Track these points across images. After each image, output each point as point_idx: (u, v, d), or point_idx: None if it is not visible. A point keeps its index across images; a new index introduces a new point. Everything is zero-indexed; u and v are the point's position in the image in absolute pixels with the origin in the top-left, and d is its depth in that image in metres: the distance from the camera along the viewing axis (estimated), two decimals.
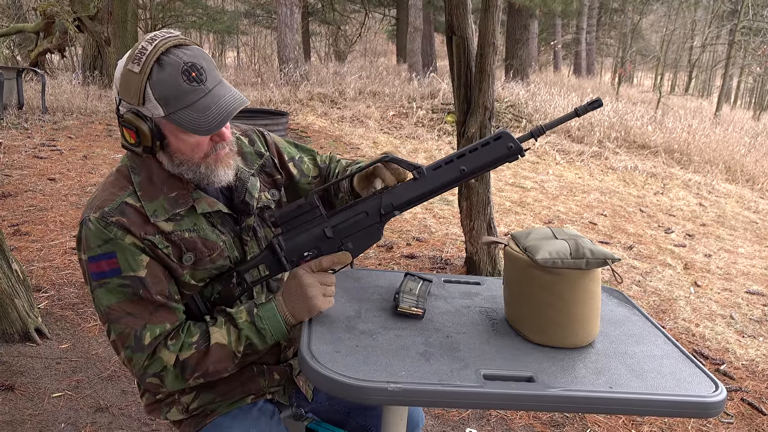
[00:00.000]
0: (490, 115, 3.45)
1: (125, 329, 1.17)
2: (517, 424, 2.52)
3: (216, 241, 1.27)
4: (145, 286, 1.17)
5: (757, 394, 2.91)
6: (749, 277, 4.54)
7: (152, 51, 1.11)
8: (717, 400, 1.04)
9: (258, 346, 1.22)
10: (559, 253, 1.14)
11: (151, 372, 1.18)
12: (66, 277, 3.47)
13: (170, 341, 1.18)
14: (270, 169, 1.43)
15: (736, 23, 14.41)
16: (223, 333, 1.20)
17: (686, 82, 24.28)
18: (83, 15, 10.48)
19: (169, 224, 1.21)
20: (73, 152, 6.27)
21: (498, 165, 1.19)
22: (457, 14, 3.35)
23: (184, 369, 1.18)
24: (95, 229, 1.15)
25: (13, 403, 2.39)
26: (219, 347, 1.19)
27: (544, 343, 1.18)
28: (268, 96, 10.10)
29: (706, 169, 8.22)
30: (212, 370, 1.21)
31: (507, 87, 10.88)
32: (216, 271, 1.28)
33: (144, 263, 1.18)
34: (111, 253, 1.15)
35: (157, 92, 1.12)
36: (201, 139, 1.19)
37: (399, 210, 1.22)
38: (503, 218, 5.24)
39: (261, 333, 1.21)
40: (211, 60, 1.18)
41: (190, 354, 1.18)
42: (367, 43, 22.87)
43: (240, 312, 1.22)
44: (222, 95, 1.16)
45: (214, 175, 1.23)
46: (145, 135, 1.15)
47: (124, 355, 1.18)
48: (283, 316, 1.21)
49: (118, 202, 1.18)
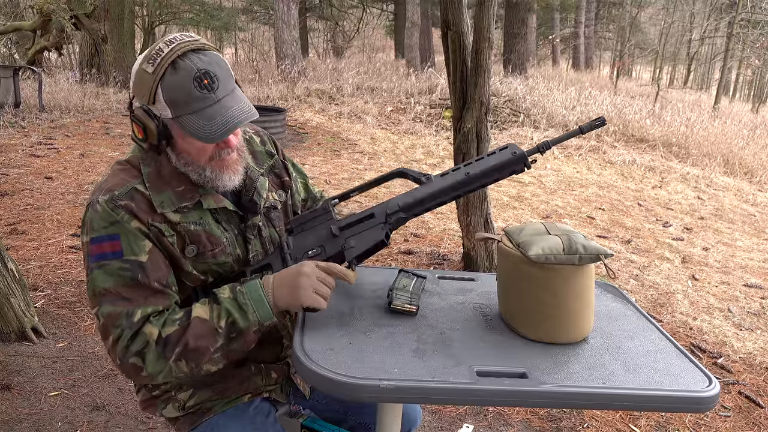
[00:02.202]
0: (487, 110, 3.44)
1: (116, 309, 1.15)
2: (514, 419, 2.52)
3: (220, 236, 1.27)
4: (144, 270, 1.17)
5: (755, 387, 2.91)
6: (747, 270, 4.54)
7: (168, 53, 1.13)
8: (710, 394, 1.04)
9: (240, 323, 1.17)
10: (552, 249, 1.14)
11: (134, 349, 1.14)
12: (63, 276, 3.46)
13: (154, 318, 1.17)
14: (279, 170, 1.46)
15: (734, 15, 14.36)
16: (205, 309, 1.18)
17: (685, 75, 24.27)
18: (80, 13, 10.44)
19: (176, 215, 1.22)
20: (70, 150, 6.26)
21: (503, 171, 1.21)
22: (452, 9, 3.34)
23: (165, 346, 1.15)
24: (102, 210, 1.17)
25: (9, 402, 2.39)
26: (200, 321, 1.16)
27: (538, 338, 1.18)
28: (266, 92, 10.08)
29: (705, 162, 8.22)
30: (192, 346, 1.15)
31: (505, 81, 10.85)
32: (216, 267, 1.28)
33: (146, 249, 1.18)
34: (115, 234, 1.16)
35: (167, 95, 1.14)
36: (206, 145, 1.20)
37: (405, 212, 1.22)
38: (501, 213, 5.23)
39: (242, 309, 1.18)
40: (227, 68, 1.19)
41: (173, 330, 1.15)
42: (364, 38, 22.81)
43: (223, 289, 1.21)
44: (230, 106, 1.17)
45: (220, 180, 1.24)
46: (151, 133, 1.17)
47: (113, 334, 1.15)
48: (267, 294, 1.19)
49: (128, 188, 1.20)
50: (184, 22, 15.01)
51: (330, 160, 6.82)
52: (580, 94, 10.78)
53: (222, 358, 1.19)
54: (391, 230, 1.23)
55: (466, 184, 1.21)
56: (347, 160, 6.89)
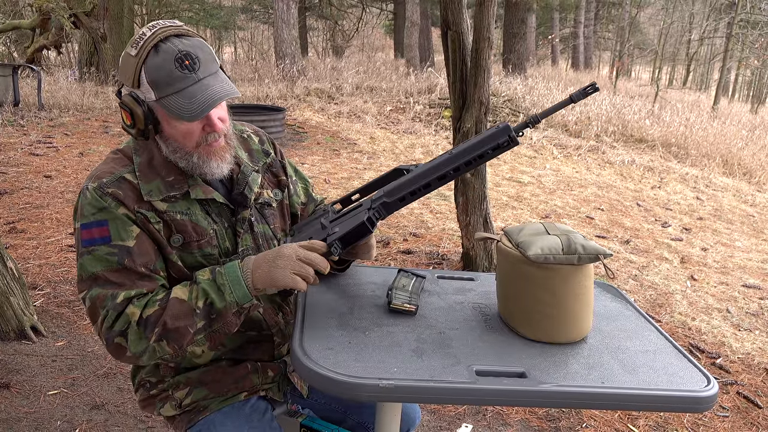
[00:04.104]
0: (486, 110, 3.44)
1: (103, 292, 1.16)
2: (513, 419, 2.53)
3: (206, 228, 1.28)
4: (131, 255, 1.18)
5: (753, 387, 2.91)
6: (746, 270, 4.55)
7: (150, 36, 1.16)
8: (709, 394, 1.04)
9: (217, 304, 1.16)
10: (551, 249, 1.14)
11: (117, 329, 1.15)
12: (62, 275, 3.46)
13: (137, 300, 1.17)
14: (277, 169, 1.47)
15: (733, 16, 14.38)
16: (184, 290, 1.18)
17: (684, 75, 24.29)
18: (79, 11, 10.42)
19: (163, 204, 1.23)
20: (69, 149, 6.26)
21: (487, 144, 1.13)
22: (452, 9, 3.34)
23: (146, 327, 1.15)
24: (91, 197, 1.19)
25: (8, 401, 2.39)
26: (177, 301, 1.17)
27: (537, 338, 1.18)
28: (265, 92, 10.07)
29: (704, 162, 8.22)
30: (171, 326, 1.14)
31: (504, 81, 10.85)
32: (203, 259, 1.28)
33: (134, 234, 1.20)
34: (103, 221, 1.18)
35: (149, 76, 1.16)
36: (191, 127, 1.21)
37: (388, 197, 1.18)
38: (500, 213, 5.24)
39: (220, 289, 1.17)
40: (210, 52, 1.20)
41: (153, 311, 1.16)
42: (364, 38, 22.79)
43: (204, 271, 1.22)
44: (211, 85, 1.18)
45: (207, 166, 1.24)
46: (138, 117, 1.19)
47: (100, 315, 1.16)
48: (245, 274, 1.18)
49: (116, 176, 1.22)
50: (184, 20, 15.00)
51: (329, 160, 6.82)
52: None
53: (205, 339, 1.19)
54: (377, 217, 1.18)
55: (451, 161, 1.15)
56: (346, 160, 6.89)
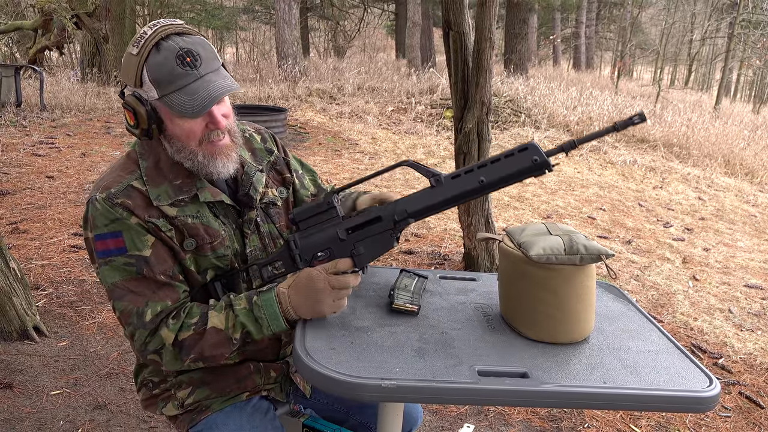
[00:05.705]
0: (488, 110, 3.44)
1: (128, 306, 1.19)
2: (515, 419, 2.53)
3: (218, 229, 1.28)
4: (149, 265, 1.20)
5: (755, 387, 2.91)
6: (748, 270, 4.54)
7: (151, 35, 1.16)
8: (711, 394, 1.03)
9: (255, 335, 1.20)
10: (553, 249, 1.14)
11: (151, 348, 1.19)
12: (64, 275, 3.47)
13: (171, 320, 1.19)
14: (280, 167, 1.46)
15: (735, 16, 14.36)
16: (221, 318, 1.20)
17: (686, 75, 24.25)
18: (81, 12, 10.44)
19: (172, 209, 1.23)
20: (71, 150, 6.27)
21: (521, 178, 1.10)
22: (454, 9, 3.34)
23: (181, 349, 1.19)
24: (102, 208, 1.19)
25: (11, 401, 2.39)
26: (215, 331, 1.19)
27: (539, 338, 1.18)
28: (267, 92, 10.08)
29: (705, 162, 8.21)
30: (209, 354, 1.20)
31: (506, 82, 10.85)
32: (216, 261, 1.28)
33: (149, 243, 1.20)
34: (117, 232, 1.19)
35: (151, 74, 1.16)
36: (194, 125, 1.20)
37: (413, 218, 1.17)
38: (502, 213, 5.23)
39: (258, 322, 1.19)
40: (212, 50, 1.20)
41: (188, 335, 1.19)
42: (365, 38, 22.80)
43: (240, 299, 1.22)
44: (213, 81, 1.18)
45: (212, 165, 1.24)
46: (142, 117, 1.19)
47: (128, 331, 1.21)
48: (283, 310, 1.19)
49: (124, 185, 1.21)
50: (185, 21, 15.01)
51: (331, 160, 6.82)
52: (581, 94, 10.77)
53: (236, 357, 1.25)
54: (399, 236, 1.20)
55: (479, 191, 1.13)
56: (348, 160, 6.89)
